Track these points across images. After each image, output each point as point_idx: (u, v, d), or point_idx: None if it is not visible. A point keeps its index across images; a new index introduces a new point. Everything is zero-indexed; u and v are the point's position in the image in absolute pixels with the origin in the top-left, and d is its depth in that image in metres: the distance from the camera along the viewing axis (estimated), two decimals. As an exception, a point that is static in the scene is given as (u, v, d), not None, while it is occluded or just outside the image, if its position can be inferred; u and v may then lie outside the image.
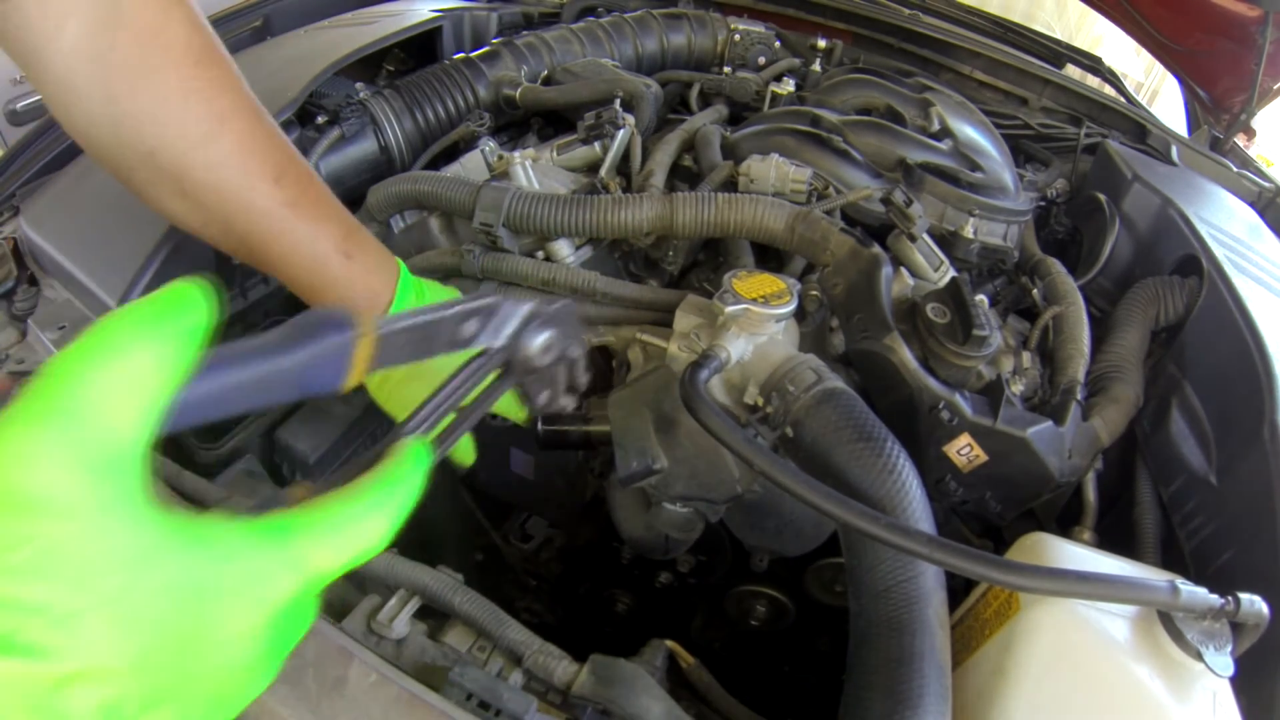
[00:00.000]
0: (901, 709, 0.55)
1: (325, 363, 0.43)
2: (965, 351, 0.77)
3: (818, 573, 1.02)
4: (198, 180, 0.59)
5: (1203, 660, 0.56)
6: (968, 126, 1.10)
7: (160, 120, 0.56)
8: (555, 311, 0.58)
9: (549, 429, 0.90)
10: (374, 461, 0.45)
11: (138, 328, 0.32)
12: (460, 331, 0.52)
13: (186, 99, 0.57)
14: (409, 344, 0.49)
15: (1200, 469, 0.83)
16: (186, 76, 0.57)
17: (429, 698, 0.56)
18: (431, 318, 0.50)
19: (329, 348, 0.44)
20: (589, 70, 1.30)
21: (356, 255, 0.66)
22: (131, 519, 0.31)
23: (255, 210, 0.61)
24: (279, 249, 0.63)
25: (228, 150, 0.59)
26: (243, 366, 0.40)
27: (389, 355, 0.47)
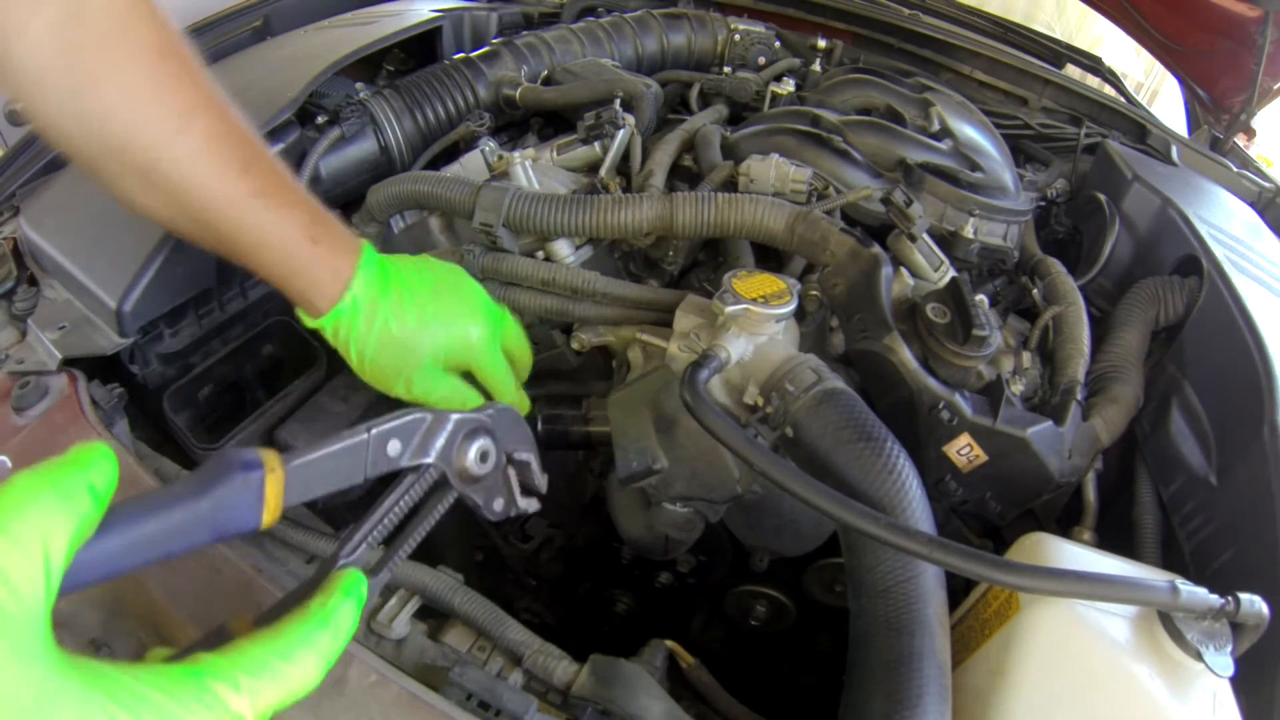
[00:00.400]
0: (901, 709, 0.55)
1: (236, 504, 0.44)
2: (965, 351, 0.77)
3: (818, 573, 1.02)
4: (166, 173, 0.59)
5: (1203, 660, 0.56)
6: (968, 126, 1.09)
7: (127, 115, 0.56)
8: (489, 418, 0.60)
9: (549, 429, 0.90)
10: (311, 591, 0.46)
11: (36, 491, 0.35)
12: (384, 452, 0.52)
13: (154, 93, 0.57)
14: (327, 474, 0.50)
15: (1200, 469, 0.83)
16: (153, 71, 0.57)
17: (429, 698, 0.56)
18: (345, 444, 0.50)
19: (237, 488, 0.45)
20: (589, 70, 1.30)
21: (322, 239, 0.67)
22: (29, 670, 0.32)
23: (223, 200, 0.61)
24: (247, 238, 0.64)
25: (196, 143, 0.59)
26: (152, 517, 0.41)
27: (307, 487, 0.49)
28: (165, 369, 0.94)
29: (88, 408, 0.74)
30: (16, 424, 0.72)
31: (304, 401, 1.01)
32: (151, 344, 0.92)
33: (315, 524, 0.74)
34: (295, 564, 0.70)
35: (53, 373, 0.78)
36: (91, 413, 0.74)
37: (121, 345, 0.84)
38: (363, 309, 0.71)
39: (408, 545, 0.55)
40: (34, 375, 0.77)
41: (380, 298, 0.71)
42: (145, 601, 0.61)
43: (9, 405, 0.73)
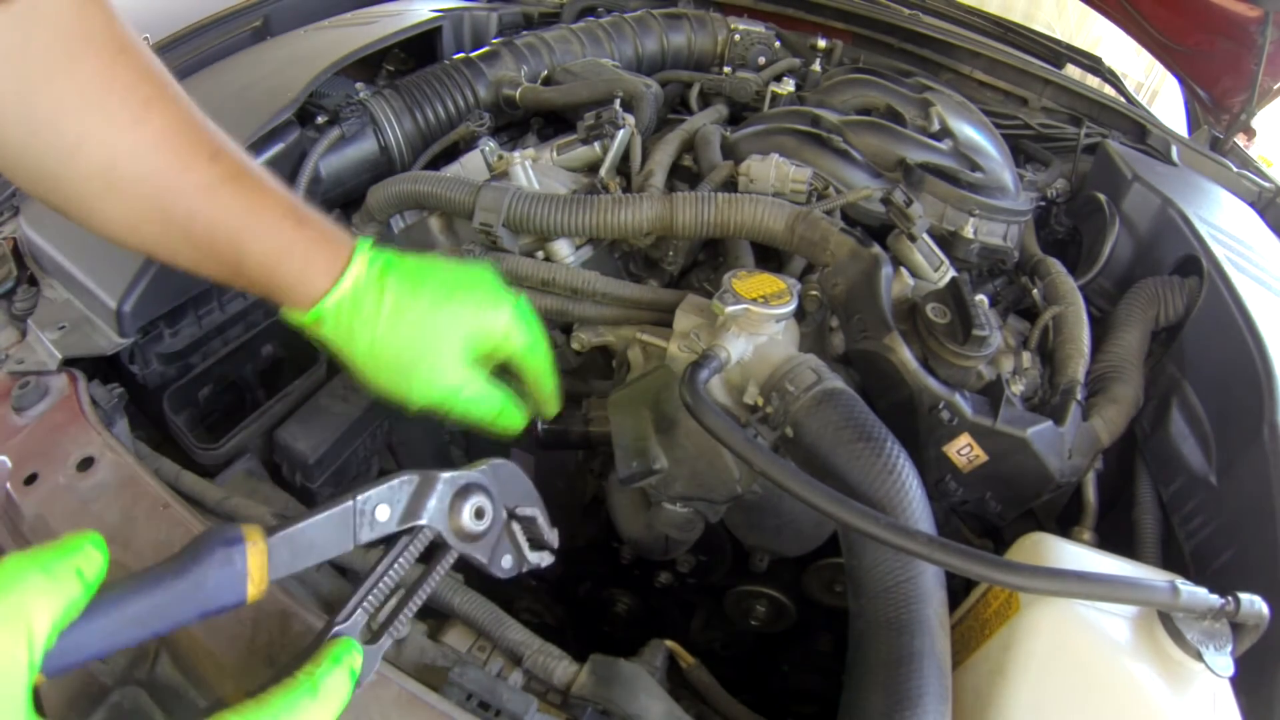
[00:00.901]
0: (901, 708, 0.55)
1: (217, 582, 0.45)
2: (965, 351, 0.77)
3: (817, 573, 1.02)
4: (126, 170, 0.55)
5: (1202, 660, 0.56)
6: (968, 126, 1.09)
7: (82, 110, 0.53)
8: (483, 475, 0.58)
9: (549, 429, 0.90)
10: (307, 659, 0.47)
11: (25, 572, 0.37)
12: (372, 518, 0.52)
13: (109, 86, 0.54)
14: (314, 543, 0.49)
15: (1200, 469, 0.83)
16: (107, 64, 0.54)
17: (429, 698, 0.56)
18: (330, 512, 0.50)
19: (217, 565, 0.45)
20: (589, 70, 1.30)
21: (308, 222, 0.61)
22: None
23: (193, 189, 0.56)
24: (226, 228, 0.57)
25: (157, 131, 0.55)
26: (134, 598, 0.42)
27: (295, 558, 0.48)
28: (165, 369, 0.94)
29: (88, 408, 0.74)
30: (16, 424, 0.72)
31: (304, 401, 1.01)
32: (151, 344, 0.92)
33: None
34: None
35: (53, 373, 0.78)
36: (91, 413, 0.74)
37: (121, 345, 0.84)
38: (370, 285, 0.61)
39: (409, 609, 0.54)
40: (34, 375, 0.77)
41: (388, 273, 0.62)
42: (145, 601, 0.61)
43: (9, 405, 0.73)
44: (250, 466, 0.93)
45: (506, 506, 0.60)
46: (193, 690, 0.58)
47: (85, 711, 0.56)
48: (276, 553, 0.47)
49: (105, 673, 0.59)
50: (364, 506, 0.51)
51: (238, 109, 1.03)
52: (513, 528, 0.60)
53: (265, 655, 0.58)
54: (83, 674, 0.59)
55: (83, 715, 0.56)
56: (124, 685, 0.58)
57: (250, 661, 0.57)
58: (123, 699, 0.57)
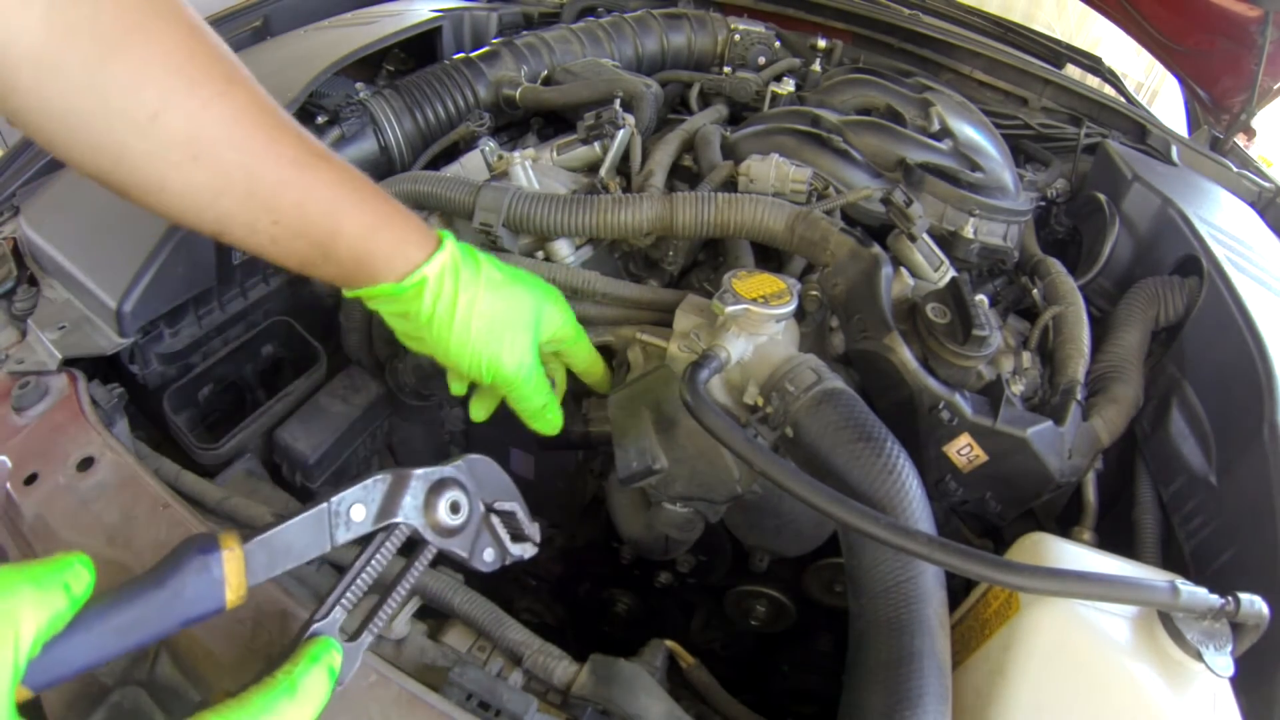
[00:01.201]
0: (901, 708, 0.55)
1: (195, 588, 0.46)
2: (965, 351, 0.77)
3: (817, 573, 1.02)
4: (214, 137, 0.53)
5: (1202, 660, 0.56)
6: (968, 126, 1.10)
7: (165, 78, 0.51)
8: (457, 470, 0.59)
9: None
10: (287, 657, 0.48)
11: (14, 584, 0.39)
12: (348, 518, 0.53)
13: (192, 57, 0.52)
14: (291, 547, 0.51)
15: (1200, 469, 0.83)
16: (186, 37, 0.53)
17: (429, 698, 0.56)
18: (305, 515, 0.51)
19: (193, 573, 0.46)
20: (589, 70, 1.30)
21: (393, 200, 0.63)
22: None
23: (286, 161, 0.56)
24: (321, 199, 0.57)
25: (242, 104, 0.54)
26: (115, 611, 0.44)
27: (273, 562, 0.50)
28: (165, 369, 0.94)
29: (88, 408, 0.74)
30: (16, 424, 0.72)
31: (304, 401, 1.01)
32: (151, 344, 0.92)
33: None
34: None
35: (53, 373, 0.78)
36: (91, 413, 0.74)
37: (121, 345, 0.84)
38: (467, 257, 0.66)
39: (390, 605, 0.55)
40: (34, 375, 0.77)
41: (473, 252, 0.67)
42: (145, 601, 0.61)
43: (9, 405, 0.73)
44: (250, 466, 0.93)
45: (484, 501, 0.61)
46: (192, 690, 0.57)
47: (85, 712, 0.56)
48: (253, 558, 0.49)
49: (105, 673, 0.59)
50: (339, 508, 0.53)
51: (238, 109, 1.03)
52: (492, 521, 0.61)
53: (265, 655, 0.58)
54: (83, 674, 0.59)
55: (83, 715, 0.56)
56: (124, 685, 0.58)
57: (250, 661, 0.57)
58: (123, 699, 0.57)
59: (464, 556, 0.59)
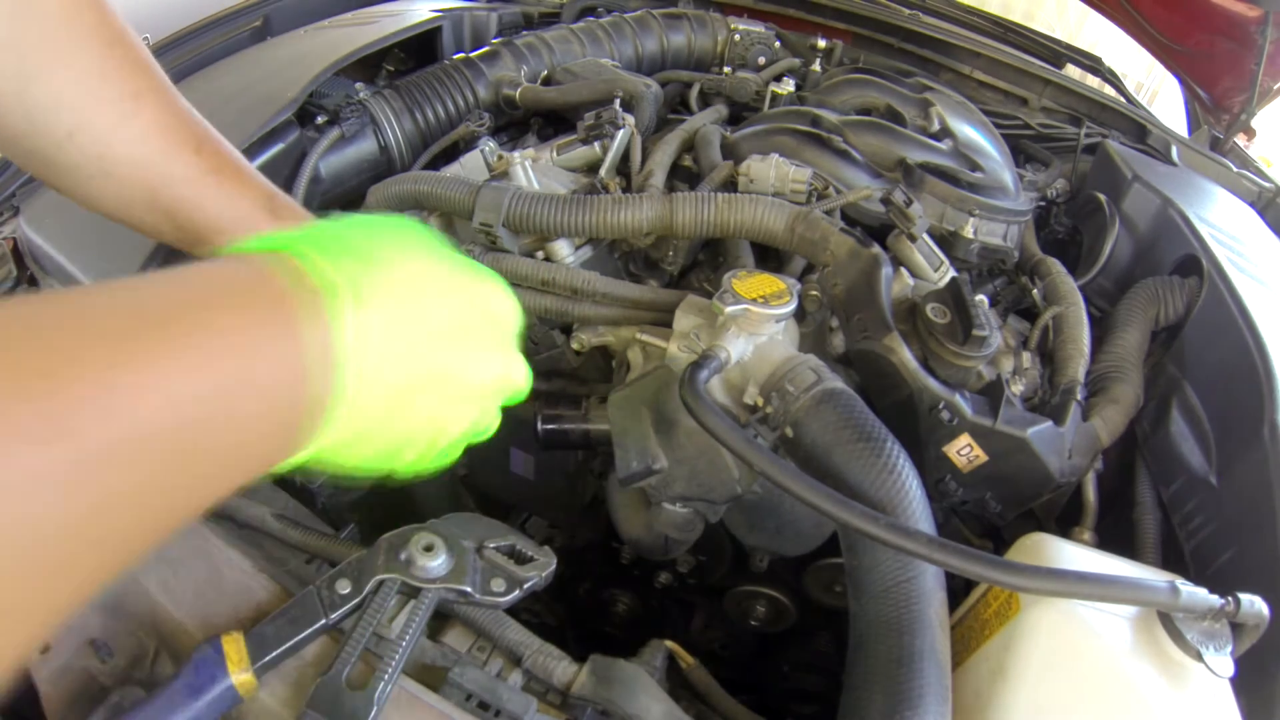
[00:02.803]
0: (901, 708, 0.55)
1: (201, 675, 0.52)
2: (965, 352, 0.77)
3: (817, 573, 1.02)
4: (119, 156, 0.58)
5: (1202, 660, 0.56)
6: (968, 126, 1.09)
7: (78, 101, 0.56)
8: (431, 525, 0.63)
9: (549, 429, 0.90)
10: None
11: None
12: (335, 591, 0.57)
13: (103, 78, 0.57)
14: (284, 627, 0.55)
15: (1200, 469, 0.83)
16: (100, 57, 0.57)
17: (428, 698, 0.56)
18: (295, 599, 0.56)
19: (200, 653, 0.52)
20: (589, 70, 1.30)
21: (282, 212, 0.65)
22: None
23: (179, 179, 0.61)
24: (205, 216, 0.62)
25: (147, 123, 0.59)
26: (140, 711, 0.50)
27: (269, 643, 0.54)
28: (165, 369, 0.94)
29: (88, 408, 0.74)
30: (16, 424, 0.72)
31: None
32: (151, 344, 0.91)
33: (314, 524, 0.74)
34: (295, 564, 0.70)
35: (53, 373, 0.78)
36: (91, 413, 0.73)
37: (121, 345, 0.84)
38: None
39: (397, 654, 0.56)
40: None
41: None
42: (145, 602, 0.61)
43: (9, 405, 0.73)
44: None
45: (474, 543, 0.63)
46: (192, 690, 0.58)
47: (85, 712, 0.56)
48: (253, 640, 0.54)
49: (104, 673, 0.59)
50: (323, 588, 0.58)
51: (238, 109, 1.03)
52: (488, 555, 0.63)
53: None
54: (82, 674, 0.59)
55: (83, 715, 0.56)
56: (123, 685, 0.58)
57: (250, 661, 0.57)
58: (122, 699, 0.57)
59: (470, 592, 0.60)
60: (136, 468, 0.28)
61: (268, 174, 1.06)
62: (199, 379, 0.30)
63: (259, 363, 0.33)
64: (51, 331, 0.27)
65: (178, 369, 0.29)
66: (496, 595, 0.61)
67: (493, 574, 0.62)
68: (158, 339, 0.30)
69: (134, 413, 0.28)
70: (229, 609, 0.61)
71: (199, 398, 0.30)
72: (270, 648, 0.54)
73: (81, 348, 0.27)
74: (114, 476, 0.27)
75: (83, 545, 0.27)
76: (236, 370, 0.32)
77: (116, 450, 0.27)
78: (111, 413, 0.27)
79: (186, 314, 0.31)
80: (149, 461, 0.29)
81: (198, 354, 0.30)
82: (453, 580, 0.60)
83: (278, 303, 0.34)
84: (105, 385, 0.27)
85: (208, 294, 0.33)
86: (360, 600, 0.58)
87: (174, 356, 0.30)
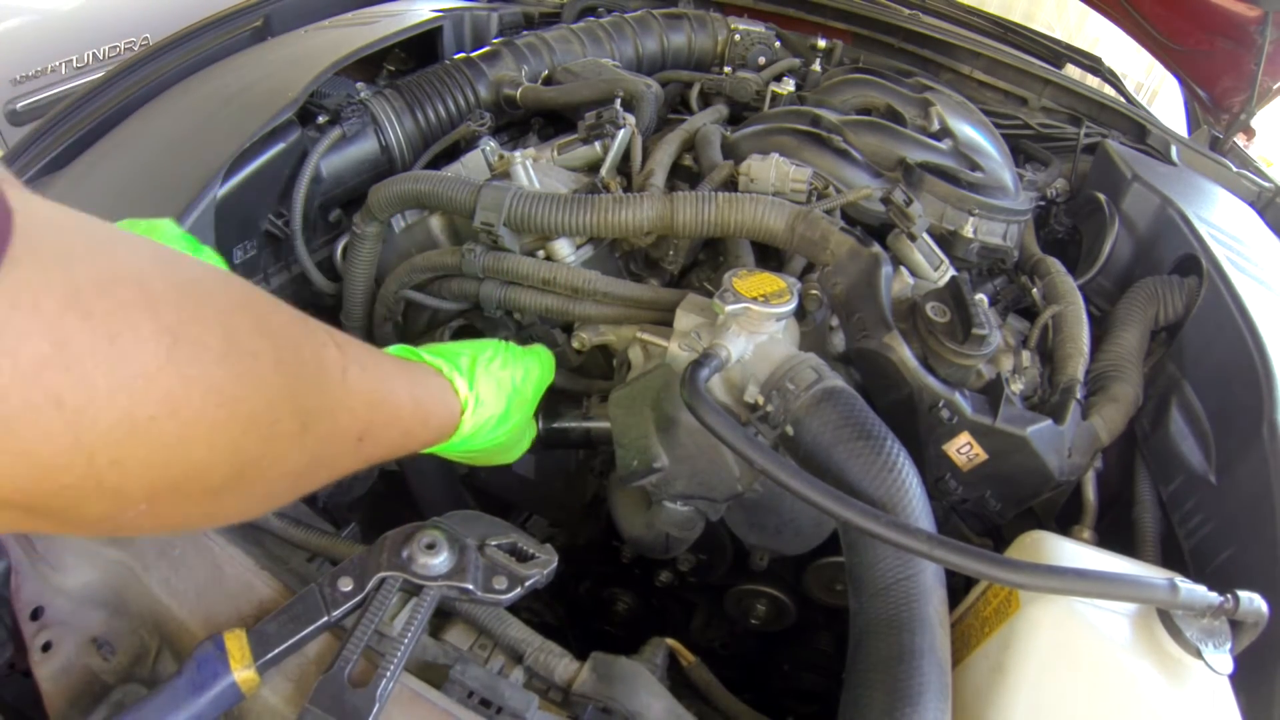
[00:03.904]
0: (902, 706, 0.55)
1: (204, 671, 0.52)
2: (965, 350, 0.77)
3: (818, 571, 1.02)
4: None
5: (1202, 658, 0.56)
6: (968, 126, 1.10)
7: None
8: (433, 522, 0.63)
9: (549, 428, 0.90)
10: None
11: None
12: (337, 589, 0.58)
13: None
14: (286, 624, 0.56)
15: (1199, 468, 0.83)
16: None
17: (430, 695, 0.56)
18: (294, 599, 0.57)
19: (203, 650, 0.53)
20: (589, 70, 1.30)
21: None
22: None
23: None
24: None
25: None
26: (142, 706, 0.50)
27: (272, 640, 0.55)
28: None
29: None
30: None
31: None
32: (153, 343, 0.91)
33: (316, 522, 0.74)
34: (297, 562, 0.70)
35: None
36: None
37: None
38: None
39: (399, 651, 0.56)
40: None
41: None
42: (147, 600, 0.61)
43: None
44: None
45: (476, 541, 0.64)
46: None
47: (87, 709, 0.56)
48: (255, 637, 0.54)
49: (107, 670, 0.59)
50: (325, 586, 0.58)
51: (238, 109, 1.03)
52: (490, 553, 0.63)
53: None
54: (85, 672, 0.59)
55: (85, 713, 0.56)
56: (125, 683, 0.58)
57: (252, 659, 0.57)
58: (124, 696, 0.57)
59: (472, 589, 0.60)
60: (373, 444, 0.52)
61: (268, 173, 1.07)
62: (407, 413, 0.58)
63: (430, 407, 0.62)
64: None
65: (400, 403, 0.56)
66: (498, 593, 0.61)
67: (494, 572, 0.62)
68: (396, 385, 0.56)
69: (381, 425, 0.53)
70: (231, 607, 0.61)
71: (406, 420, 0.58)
72: (272, 645, 0.54)
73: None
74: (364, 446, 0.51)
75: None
76: (420, 410, 0.60)
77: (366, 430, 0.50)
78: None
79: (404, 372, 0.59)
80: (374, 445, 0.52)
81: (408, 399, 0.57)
82: (454, 578, 0.60)
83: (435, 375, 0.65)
84: None
85: (409, 368, 0.62)
86: (362, 598, 0.58)
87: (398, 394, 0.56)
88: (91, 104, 1.12)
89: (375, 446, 0.53)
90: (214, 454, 0.37)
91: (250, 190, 0.99)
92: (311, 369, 0.45)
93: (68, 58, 1.95)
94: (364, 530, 1.00)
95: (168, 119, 1.10)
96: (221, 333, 0.37)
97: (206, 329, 0.36)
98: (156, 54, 1.23)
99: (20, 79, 1.88)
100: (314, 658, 0.58)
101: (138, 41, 2.07)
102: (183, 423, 0.34)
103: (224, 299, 0.39)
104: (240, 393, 0.37)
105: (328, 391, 0.46)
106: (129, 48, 2.06)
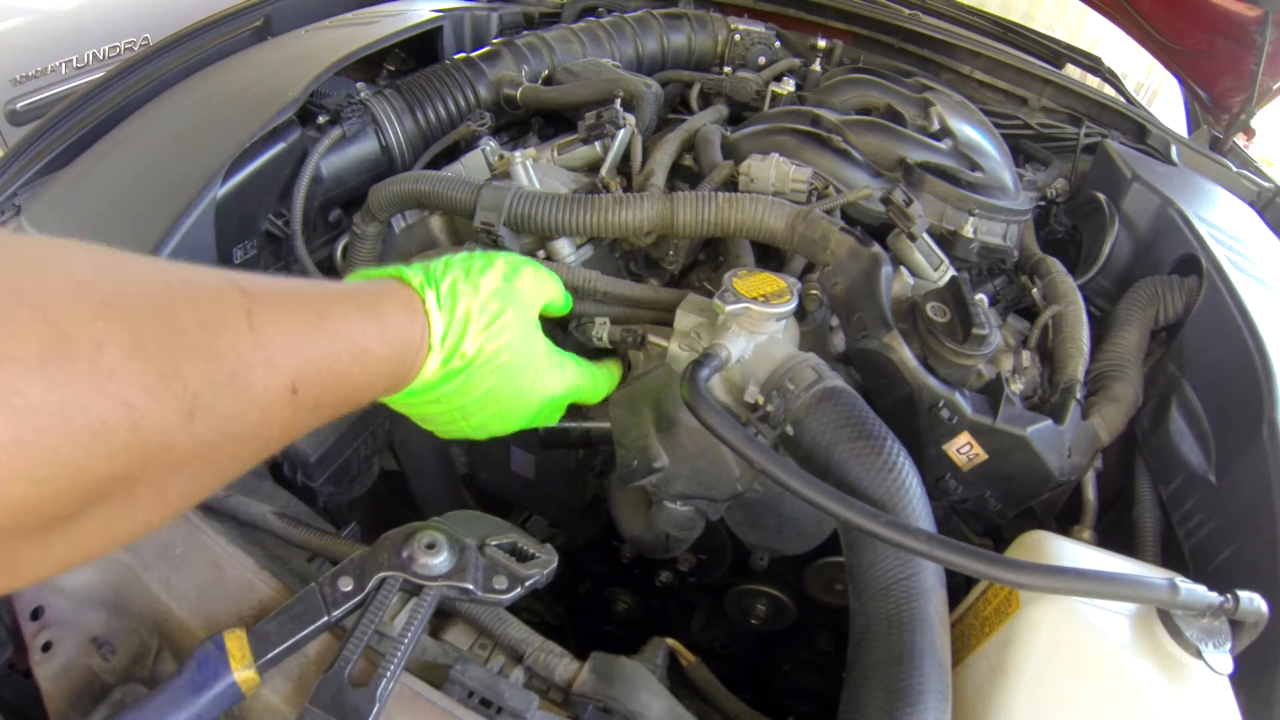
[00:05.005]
0: (902, 706, 0.55)
1: (204, 671, 0.52)
2: (965, 350, 0.77)
3: (818, 571, 1.02)
4: None
5: (1202, 658, 0.56)
6: (968, 126, 1.10)
7: None
8: (432, 522, 0.63)
9: (549, 428, 0.90)
10: None
11: None
12: (337, 589, 0.58)
13: None
14: (286, 624, 0.56)
15: (1199, 468, 0.83)
16: None
17: (430, 695, 0.56)
18: (294, 598, 0.57)
19: (203, 650, 0.52)
20: (589, 70, 1.30)
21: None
22: None
23: None
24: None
25: None
26: (143, 706, 0.50)
27: (272, 640, 0.54)
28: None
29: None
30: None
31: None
32: (153, 343, 0.91)
33: (316, 522, 0.74)
34: (297, 562, 0.70)
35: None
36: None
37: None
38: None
39: (399, 651, 0.56)
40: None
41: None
42: (148, 599, 0.61)
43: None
44: (251, 465, 0.93)
45: (476, 541, 0.64)
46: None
47: (87, 709, 0.56)
48: (256, 637, 0.54)
49: (107, 670, 0.59)
50: (325, 586, 0.58)
51: (238, 109, 1.03)
52: (490, 553, 0.63)
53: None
54: (85, 671, 0.59)
55: (85, 713, 0.56)
56: (125, 683, 0.58)
57: (252, 659, 0.57)
58: (124, 696, 0.57)
59: (471, 589, 0.61)
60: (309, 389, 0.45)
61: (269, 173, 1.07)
62: (356, 332, 0.49)
63: (389, 327, 0.53)
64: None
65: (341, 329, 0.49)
66: (498, 593, 0.61)
67: (494, 571, 0.62)
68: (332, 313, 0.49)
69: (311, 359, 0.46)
70: (231, 606, 0.61)
71: (355, 343, 0.49)
72: (272, 645, 0.54)
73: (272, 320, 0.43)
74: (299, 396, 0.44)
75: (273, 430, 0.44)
76: (373, 332, 0.51)
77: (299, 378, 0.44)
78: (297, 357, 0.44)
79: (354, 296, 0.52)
80: (314, 386, 0.45)
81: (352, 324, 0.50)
82: (455, 578, 0.60)
83: (393, 295, 0.56)
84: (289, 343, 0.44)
85: (354, 290, 0.54)
86: (362, 598, 0.58)
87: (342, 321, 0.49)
88: (91, 104, 1.12)
89: (325, 392, 0.46)
90: (42, 487, 0.30)
91: (250, 190, 0.99)
92: (193, 336, 0.37)
93: (68, 58, 1.95)
94: (364, 530, 0.99)
95: (168, 119, 1.10)
96: (44, 326, 0.30)
97: (19, 331, 0.29)
98: (156, 54, 1.23)
99: (20, 79, 1.88)
100: (314, 658, 0.58)
101: (138, 41, 2.07)
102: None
103: (51, 282, 0.32)
104: (72, 400, 0.30)
105: (223, 354, 0.39)
106: (129, 48, 2.06)
